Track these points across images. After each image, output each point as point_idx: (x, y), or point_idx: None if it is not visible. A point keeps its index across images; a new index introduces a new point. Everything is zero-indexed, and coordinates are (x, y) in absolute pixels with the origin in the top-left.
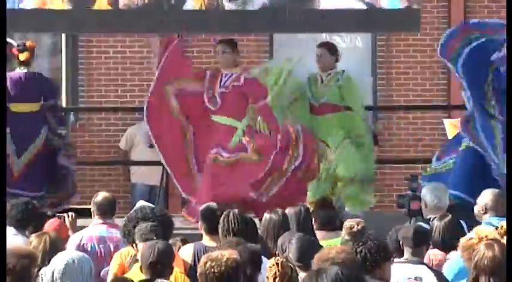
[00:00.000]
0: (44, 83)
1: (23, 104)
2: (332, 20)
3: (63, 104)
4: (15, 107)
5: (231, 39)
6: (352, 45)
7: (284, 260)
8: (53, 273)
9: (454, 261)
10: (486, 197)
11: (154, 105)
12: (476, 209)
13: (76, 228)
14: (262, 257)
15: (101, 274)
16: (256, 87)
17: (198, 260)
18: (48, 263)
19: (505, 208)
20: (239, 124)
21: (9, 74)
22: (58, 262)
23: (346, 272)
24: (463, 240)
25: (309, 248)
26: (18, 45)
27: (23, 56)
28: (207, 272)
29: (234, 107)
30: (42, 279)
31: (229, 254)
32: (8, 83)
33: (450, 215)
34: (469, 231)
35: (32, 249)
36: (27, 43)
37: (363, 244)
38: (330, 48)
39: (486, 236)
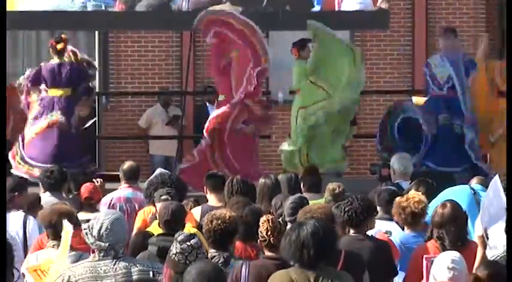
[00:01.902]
0: (75, 70)
1: (57, 89)
2: (318, 20)
3: (97, 89)
4: (51, 92)
5: None
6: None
7: (273, 216)
8: (99, 229)
9: None
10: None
11: None
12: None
13: (104, 191)
14: None
15: None
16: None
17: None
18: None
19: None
20: None
21: (45, 64)
22: (104, 220)
23: (321, 223)
24: (396, 200)
25: (299, 207)
26: (55, 38)
27: (59, 46)
28: (214, 228)
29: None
30: (87, 234)
31: (229, 212)
32: (44, 72)
33: (417, 181)
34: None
35: (71, 209)
36: (63, 36)
37: (350, 204)
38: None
39: (419, 199)
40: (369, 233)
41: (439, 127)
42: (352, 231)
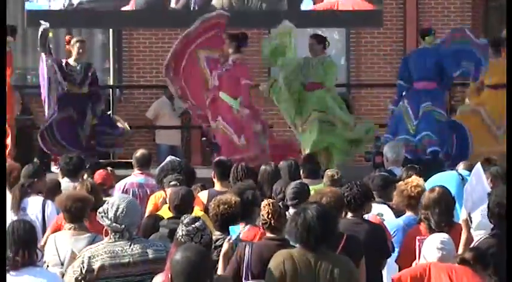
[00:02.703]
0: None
1: (74, 86)
2: (319, 18)
3: (111, 82)
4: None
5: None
6: (331, 37)
7: (274, 201)
8: (116, 212)
9: None
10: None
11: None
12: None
13: (115, 178)
14: None
15: None
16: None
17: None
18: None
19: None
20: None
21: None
22: (119, 203)
23: (323, 207)
24: (398, 185)
25: (301, 191)
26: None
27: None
28: (221, 212)
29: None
30: (102, 217)
31: (234, 198)
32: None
33: (408, 167)
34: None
35: (87, 194)
36: (66, 37)
37: (349, 190)
38: (318, 39)
39: (418, 183)
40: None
41: (422, 115)
42: (350, 214)
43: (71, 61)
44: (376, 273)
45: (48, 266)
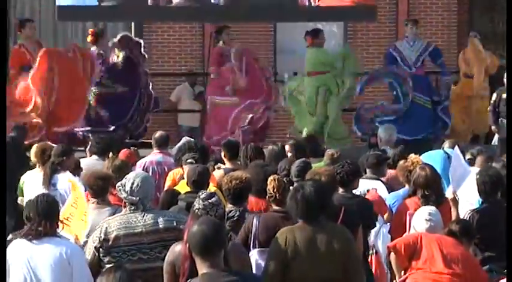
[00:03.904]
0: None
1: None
2: (318, 13)
3: None
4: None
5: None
6: (331, 30)
7: (279, 176)
8: (131, 186)
9: None
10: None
11: None
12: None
13: (138, 156)
14: None
15: None
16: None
17: None
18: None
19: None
20: None
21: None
22: (135, 178)
23: (319, 183)
24: (401, 163)
25: (304, 169)
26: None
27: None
28: (233, 186)
29: None
30: (120, 191)
31: (245, 174)
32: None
33: (400, 147)
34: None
35: (108, 172)
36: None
37: (342, 167)
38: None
39: (417, 161)
40: (364, 189)
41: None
42: (341, 190)
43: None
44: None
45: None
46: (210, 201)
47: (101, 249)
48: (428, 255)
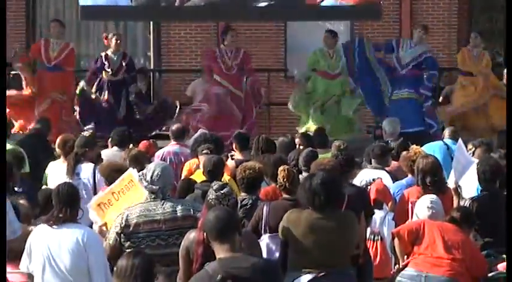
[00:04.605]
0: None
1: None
2: (325, 13)
3: (152, 66)
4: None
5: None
6: (338, 28)
7: (289, 166)
8: (152, 175)
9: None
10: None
11: None
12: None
13: (156, 147)
14: None
15: None
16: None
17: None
18: (139, 167)
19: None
20: None
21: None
22: (155, 168)
23: (328, 174)
24: (403, 153)
25: (311, 158)
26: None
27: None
28: (247, 176)
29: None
30: (141, 180)
31: (258, 164)
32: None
33: (401, 139)
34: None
35: (123, 165)
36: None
37: (336, 158)
38: (332, 34)
39: (419, 151)
40: (370, 178)
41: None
42: None
43: (109, 52)
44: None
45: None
46: (222, 191)
47: (122, 235)
48: (430, 241)
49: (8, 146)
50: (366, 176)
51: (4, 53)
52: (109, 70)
